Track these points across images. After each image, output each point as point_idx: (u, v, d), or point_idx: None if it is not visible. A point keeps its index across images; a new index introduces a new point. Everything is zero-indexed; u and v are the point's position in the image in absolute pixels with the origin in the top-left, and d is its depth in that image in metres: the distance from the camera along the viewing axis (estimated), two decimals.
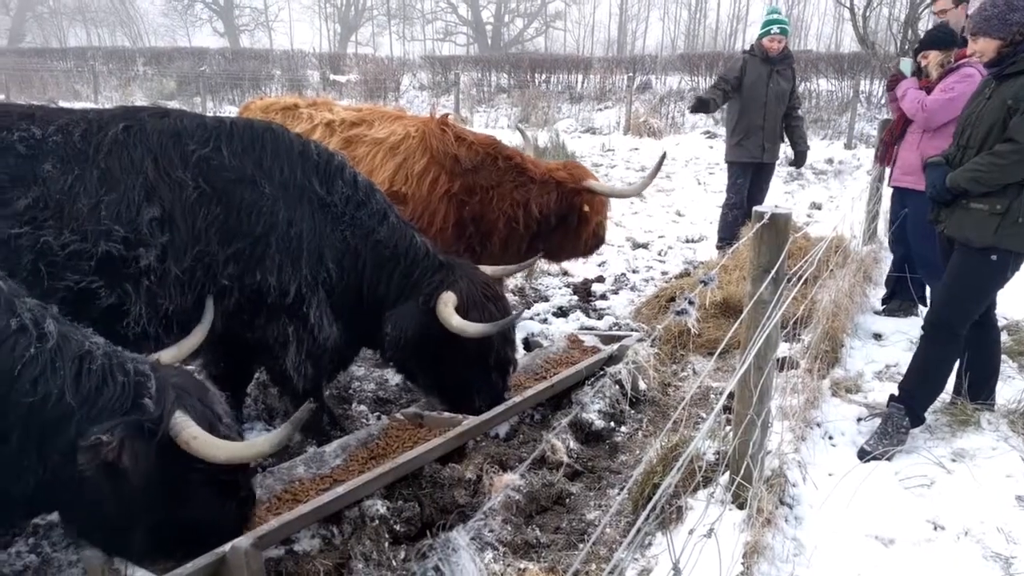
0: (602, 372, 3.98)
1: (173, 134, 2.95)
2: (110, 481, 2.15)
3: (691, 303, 1.77)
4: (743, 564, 2.45)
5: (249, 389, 4.01)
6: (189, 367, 3.64)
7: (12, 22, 39.99)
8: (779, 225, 2.65)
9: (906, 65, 5.08)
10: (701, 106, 6.45)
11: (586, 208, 4.60)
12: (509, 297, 5.83)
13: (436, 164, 4.39)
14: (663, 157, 5.05)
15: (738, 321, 2.61)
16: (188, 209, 2.87)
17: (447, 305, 3.40)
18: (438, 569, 0.72)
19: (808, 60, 18.25)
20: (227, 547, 2.50)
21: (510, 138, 13.02)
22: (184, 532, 2.44)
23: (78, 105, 3.47)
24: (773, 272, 2.61)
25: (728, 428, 3.29)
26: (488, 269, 3.94)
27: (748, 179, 6.69)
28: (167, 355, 2.76)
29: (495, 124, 17.78)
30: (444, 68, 22.61)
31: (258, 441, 2.32)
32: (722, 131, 14.99)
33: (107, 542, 2.45)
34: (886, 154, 5.34)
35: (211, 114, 3.39)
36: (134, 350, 2.51)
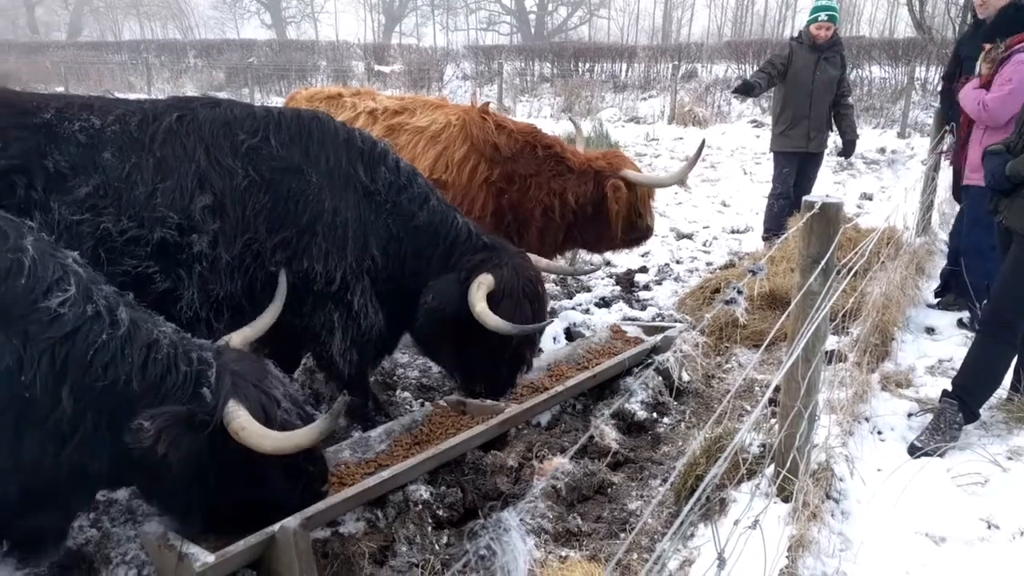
0: (650, 360, 3.90)
1: (224, 123, 3.02)
2: (160, 463, 2.23)
3: (740, 292, 1.74)
4: (788, 557, 2.43)
5: (296, 374, 4.09)
6: None
7: (70, 17, 41.29)
8: (830, 215, 2.60)
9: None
10: (746, 89, 6.33)
11: (611, 194, 4.51)
12: (550, 288, 5.83)
13: (476, 152, 4.41)
14: (703, 144, 4.96)
15: (786, 313, 2.57)
16: (238, 197, 2.94)
17: (479, 287, 3.35)
18: (489, 548, 0.74)
19: (860, 46, 17.73)
20: (276, 527, 2.57)
21: (553, 127, 13.00)
22: (253, 510, 2.56)
23: (132, 96, 3.57)
24: (823, 263, 2.56)
25: (773, 420, 3.24)
26: (542, 262, 3.87)
27: (794, 169, 6.56)
28: (238, 336, 2.82)
29: (538, 113, 17.72)
30: (487, 57, 22.59)
31: (298, 432, 2.38)
32: (769, 120, 14.69)
33: (182, 517, 2.57)
34: (959, 154, 5.13)
35: (259, 104, 3.44)
36: (188, 333, 2.59)
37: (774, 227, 6.51)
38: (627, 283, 6.23)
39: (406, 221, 3.39)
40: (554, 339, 4.70)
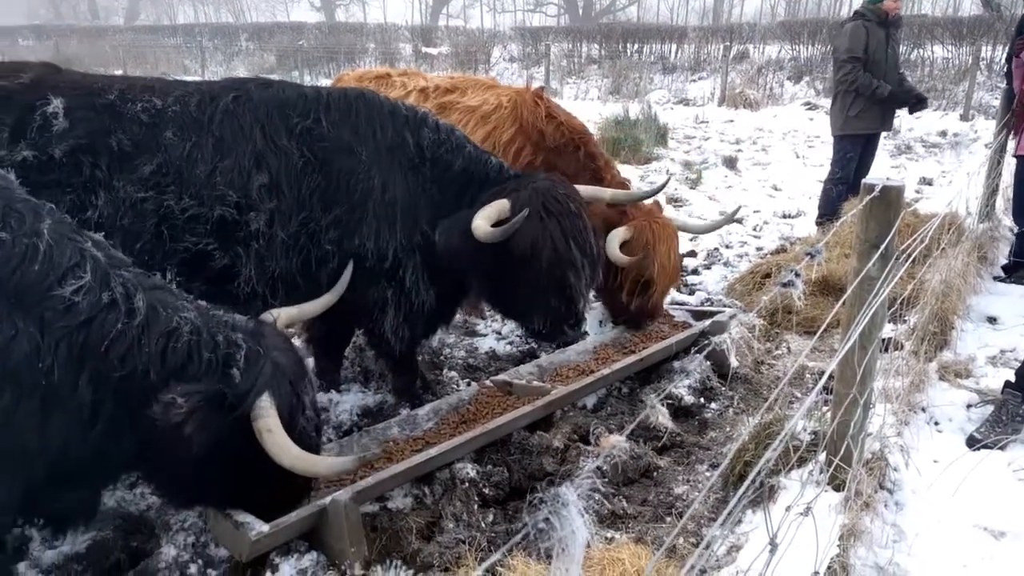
0: (706, 342, 3.81)
1: (278, 104, 3.07)
2: (178, 442, 2.17)
3: (797, 275, 1.71)
4: (839, 546, 2.39)
5: (346, 352, 4.17)
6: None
7: (128, 2, 42.40)
8: (890, 198, 2.52)
9: None
10: (883, 94, 6.05)
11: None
12: None
13: (523, 135, 4.37)
14: (737, 209, 4.62)
15: (842, 299, 2.51)
16: (293, 177, 2.99)
17: (485, 210, 3.15)
18: (548, 521, 0.75)
19: (923, 25, 17.07)
20: (327, 500, 2.63)
21: (600, 110, 12.87)
22: (241, 499, 2.54)
23: (187, 79, 3.65)
24: (882, 248, 2.49)
25: (825, 408, 3.18)
26: (586, 190, 3.64)
27: (859, 153, 6.38)
28: (286, 314, 2.76)
29: (585, 95, 17.56)
30: (534, 39, 22.43)
31: (324, 461, 2.33)
32: (824, 102, 14.29)
33: (177, 500, 2.61)
34: (1018, 126, 4.96)
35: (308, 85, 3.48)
36: (244, 309, 2.62)
37: (829, 212, 6.34)
38: None
39: (444, 172, 3.32)
40: (600, 323, 4.68)
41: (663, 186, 4.25)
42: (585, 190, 3.62)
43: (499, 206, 3.18)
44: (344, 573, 2.61)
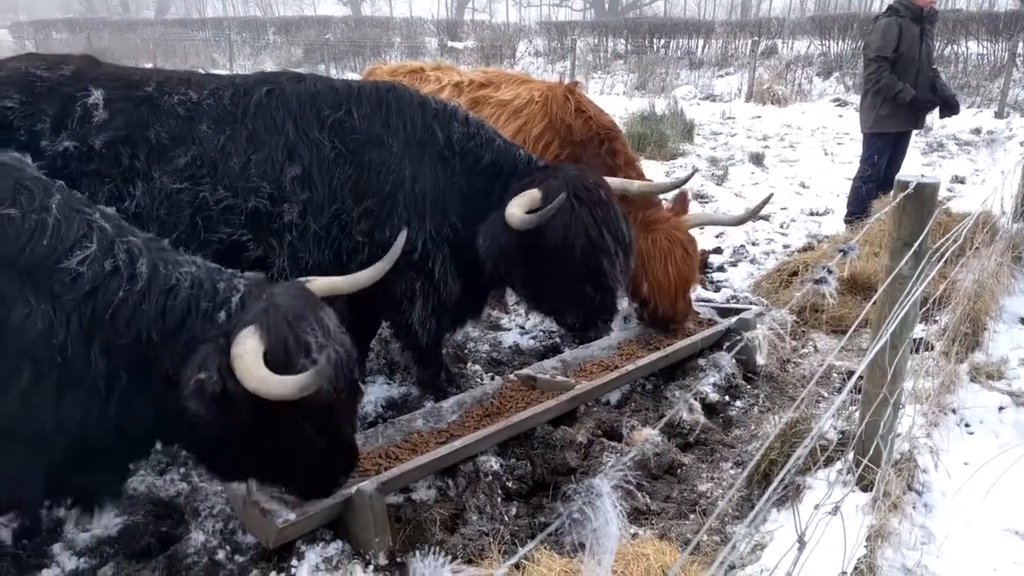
0: (738, 337, 3.77)
1: (309, 97, 3.10)
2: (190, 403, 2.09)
3: (830, 272, 1.69)
4: (866, 547, 2.37)
5: (372, 343, 4.20)
6: None
7: None
8: (925, 196, 2.49)
9: None
10: (905, 96, 5.92)
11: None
12: None
13: (552, 129, 4.37)
14: (769, 197, 4.47)
15: (874, 298, 2.48)
16: (325, 169, 3.02)
17: (517, 200, 3.16)
18: (582, 512, 0.75)
19: (957, 20, 16.73)
20: (352, 489, 2.66)
21: (626, 104, 12.81)
22: (277, 468, 2.43)
23: (218, 72, 3.69)
24: (915, 246, 2.46)
25: (852, 408, 3.15)
26: (615, 182, 3.63)
27: (889, 151, 6.28)
28: (323, 282, 2.57)
29: (611, 90, 17.46)
30: (560, 34, 22.34)
31: (285, 379, 2.06)
32: (854, 99, 14.07)
33: (217, 470, 2.54)
34: None
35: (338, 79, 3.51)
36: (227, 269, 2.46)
37: (858, 211, 6.26)
38: (701, 264, 6.10)
39: (473, 165, 3.35)
40: (625, 319, 4.67)
41: (688, 178, 4.22)
42: (612, 182, 3.61)
43: (530, 195, 3.19)
44: (368, 563, 2.65)
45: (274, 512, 2.58)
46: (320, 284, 2.52)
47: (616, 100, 14.86)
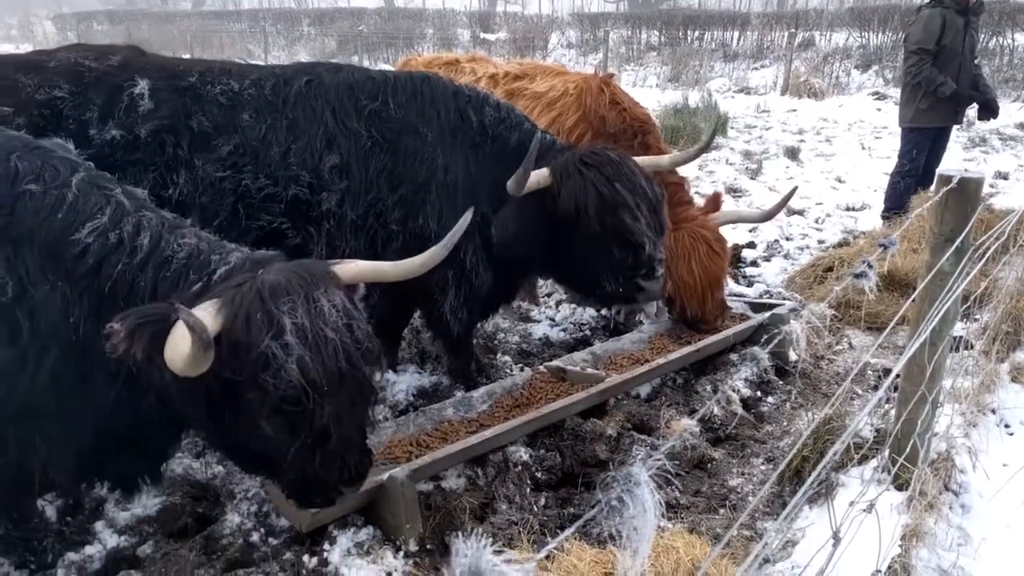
0: (776, 330, 3.73)
1: (347, 87, 3.14)
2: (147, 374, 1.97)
3: (870, 267, 1.67)
4: (900, 546, 2.34)
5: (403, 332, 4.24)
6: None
7: None
8: (968, 191, 2.44)
9: None
10: (944, 88, 5.80)
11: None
12: None
13: (585, 121, 4.36)
14: (794, 190, 4.41)
15: (914, 294, 2.44)
16: (362, 158, 3.06)
17: (531, 177, 3.12)
18: (621, 500, 0.76)
19: (1003, 12, 16.27)
20: (384, 476, 2.70)
21: (659, 97, 12.69)
22: (261, 466, 2.22)
23: (255, 63, 3.72)
24: (957, 242, 2.41)
25: (888, 405, 3.11)
26: (646, 159, 3.57)
27: (929, 146, 6.15)
28: (354, 267, 2.25)
29: (643, 83, 17.32)
30: (593, 25, 22.20)
31: (175, 349, 1.83)
32: (893, 92, 13.78)
33: (221, 451, 2.43)
34: None
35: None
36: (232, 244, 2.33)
37: (896, 206, 6.15)
38: (733, 259, 6.03)
39: (502, 148, 3.36)
40: (656, 312, 4.65)
41: (711, 139, 4.21)
42: (643, 159, 3.58)
43: (539, 175, 3.17)
44: (399, 548, 2.68)
45: None
46: (357, 269, 2.24)
47: (649, 92, 14.73)
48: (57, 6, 36.55)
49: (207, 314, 1.87)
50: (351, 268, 2.21)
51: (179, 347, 1.80)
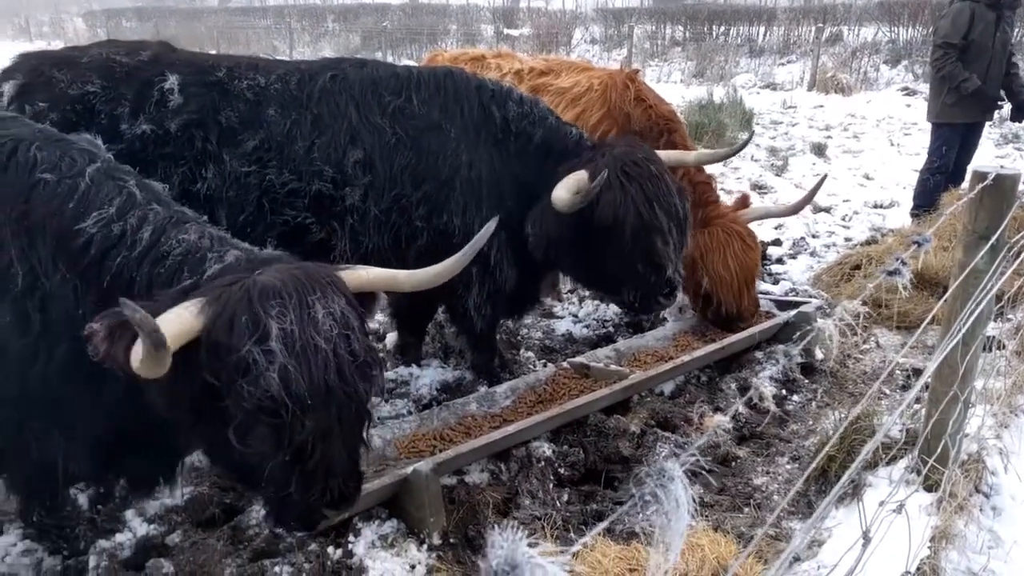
0: (808, 328, 3.71)
1: (371, 83, 3.15)
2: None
3: (904, 264, 1.64)
4: (929, 548, 2.31)
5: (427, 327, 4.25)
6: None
7: None
8: (1004, 188, 2.39)
9: None
10: (968, 84, 5.68)
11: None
12: None
13: (610, 118, 4.33)
14: (824, 178, 4.39)
15: (947, 293, 2.40)
16: (386, 154, 3.07)
17: (566, 183, 3.12)
18: (655, 495, 0.75)
19: None
20: (409, 469, 2.71)
21: (683, 93, 12.59)
22: (243, 480, 2.13)
23: (280, 59, 3.75)
24: (992, 240, 2.37)
25: (917, 406, 3.06)
26: (671, 154, 3.58)
27: (958, 142, 6.03)
28: (365, 274, 2.14)
29: (668, 79, 17.19)
30: (617, 21, 22.06)
31: (134, 353, 1.72)
32: (923, 88, 13.55)
33: (209, 458, 2.35)
34: None
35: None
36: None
37: (926, 203, 6.04)
38: (759, 256, 5.99)
39: (526, 144, 3.35)
40: (681, 310, 4.62)
41: (745, 143, 4.17)
42: (667, 155, 3.56)
43: (577, 177, 3.15)
44: (423, 541, 2.69)
45: None
46: (368, 277, 2.12)
47: (673, 88, 14.63)
48: (88, 3, 37.15)
49: (188, 313, 1.76)
50: (361, 275, 2.08)
51: (135, 347, 1.69)
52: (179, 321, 1.74)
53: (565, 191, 3.10)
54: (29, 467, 2.33)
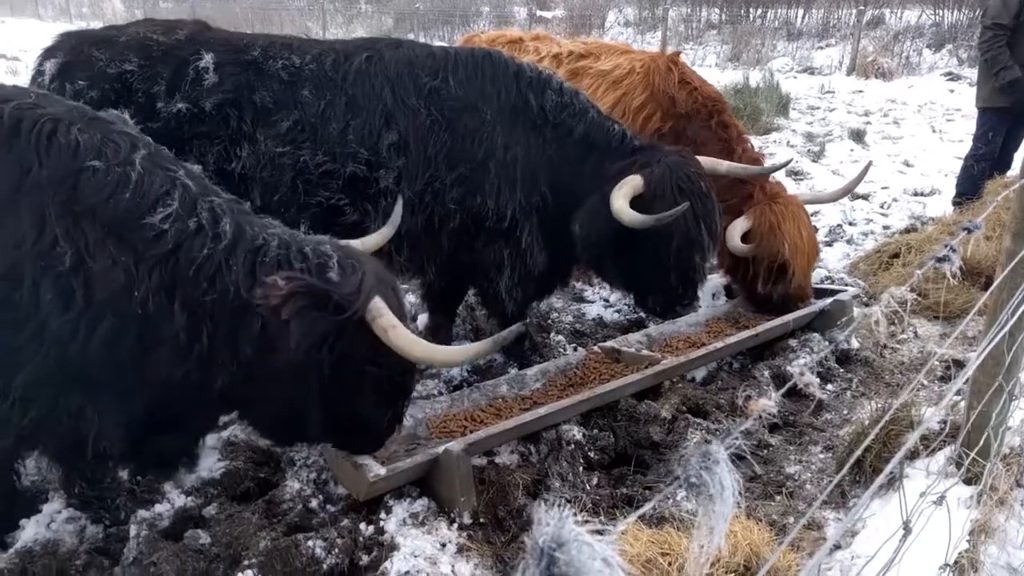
0: (851, 315, 3.72)
1: (407, 63, 3.14)
2: (278, 338, 2.12)
3: (953, 251, 1.60)
4: (968, 542, 2.26)
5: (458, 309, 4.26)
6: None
7: None
8: None
9: None
10: (1013, 82, 5.52)
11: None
12: None
13: (653, 101, 4.28)
14: (868, 166, 4.33)
15: (994, 283, 2.33)
16: (421, 136, 3.06)
17: (622, 188, 3.18)
18: (700, 477, 0.75)
19: None
20: (440, 449, 2.73)
21: (718, 77, 12.39)
22: (339, 428, 2.47)
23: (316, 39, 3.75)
24: None
25: (957, 397, 3.00)
26: (705, 161, 3.59)
27: (1005, 129, 5.84)
28: (372, 240, 2.64)
29: (702, 62, 16.92)
30: (651, 3, 21.73)
31: (455, 349, 2.22)
32: (968, 73, 13.15)
33: (279, 435, 2.62)
34: None
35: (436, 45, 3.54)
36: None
37: (969, 191, 5.88)
38: None
39: (566, 136, 3.33)
40: (714, 296, 4.58)
41: (785, 164, 4.11)
42: (703, 161, 3.54)
43: (632, 183, 3.19)
44: (453, 520, 2.71)
45: (366, 466, 2.67)
46: (372, 241, 2.61)
47: (708, 72, 14.34)
48: None
49: (387, 310, 2.18)
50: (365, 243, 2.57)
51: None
52: None
53: (623, 199, 3.14)
54: (60, 443, 2.39)
